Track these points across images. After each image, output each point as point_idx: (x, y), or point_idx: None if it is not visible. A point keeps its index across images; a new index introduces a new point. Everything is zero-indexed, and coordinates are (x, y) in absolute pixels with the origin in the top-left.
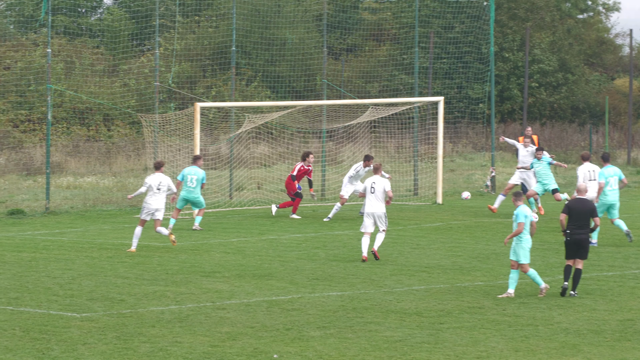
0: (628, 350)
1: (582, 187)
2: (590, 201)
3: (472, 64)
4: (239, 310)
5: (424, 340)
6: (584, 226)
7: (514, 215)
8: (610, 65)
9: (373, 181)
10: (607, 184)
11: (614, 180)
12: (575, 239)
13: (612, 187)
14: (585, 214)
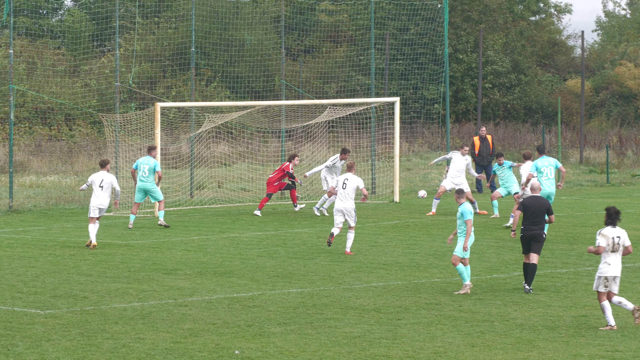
0: (582, 346)
1: (535, 185)
2: (544, 198)
3: (427, 65)
4: (201, 307)
5: (383, 335)
6: (538, 222)
7: (460, 213)
8: (562, 67)
9: (346, 178)
10: (542, 174)
11: (549, 170)
12: (528, 234)
13: (547, 177)
14: (539, 211)
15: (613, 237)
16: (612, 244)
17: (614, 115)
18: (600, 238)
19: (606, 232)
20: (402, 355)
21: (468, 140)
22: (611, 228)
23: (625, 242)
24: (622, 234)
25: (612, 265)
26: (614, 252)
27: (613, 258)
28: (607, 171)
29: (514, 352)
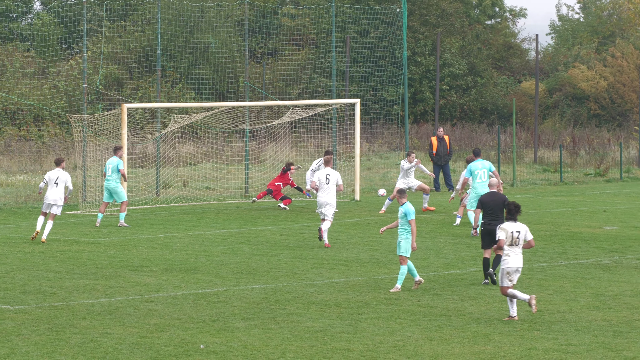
0: (537, 339)
1: (493, 182)
2: (501, 194)
3: (387, 68)
4: (167, 303)
5: (344, 330)
6: (496, 217)
7: (403, 212)
8: (517, 69)
9: (327, 173)
10: (476, 176)
11: (483, 173)
12: (488, 229)
13: (481, 180)
14: (497, 206)
15: (512, 232)
16: (510, 238)
17: (567, 116)
18: (500, 232)
19: (505, 227)
20: (363, 349)
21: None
22: (511, 223)
23: (526, 236)
24: (522, 228)
25: (512, 258)
26: (513, 246)
27: (512, 251)
28: (561, 170)
29: (470, 346)
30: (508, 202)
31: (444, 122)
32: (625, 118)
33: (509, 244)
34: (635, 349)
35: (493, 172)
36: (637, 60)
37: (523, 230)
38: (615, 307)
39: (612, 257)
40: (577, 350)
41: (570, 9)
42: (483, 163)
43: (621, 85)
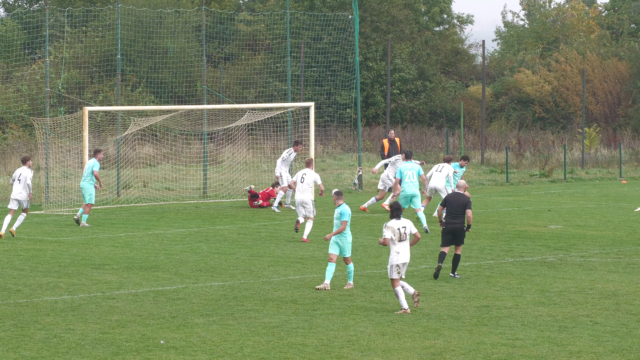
0: (485, 334)
1: (460, 184)
2: (464, 195)
3: (340, 73)
4: (128, 300)
5: (299, 325)
6: (458, 216)
7: (339, 213)
8: (464, 74)
9: (304, 172)
10: (405, 177)
11: (411, 174)
12: (449, 228)
13: (410, 180)
14: (459, 206)
15: (399, 228)
16: (398, 234)
17: (512, 119)
18: (385, 230)
19: (391, 224)
20: (318, 343)
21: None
22: (396, 220)
23: (412, 230)
24: (407, 224)
25: (401, 253)
26: (401, 242)
27: (401, 247)
28: (507, 171)
29: (421, 340)
30: (392, 203)
31: (395, 125)
32: (569, 121)
33: (398, 240)
34: (579, 343)
35: (421, 175)
36: (580, 65)
37: (409, 225)
38: (560, 303)
39: (557, 255)
40: (523, 345)
41: (515, 15)
42: (412, 165)
43: (565, 89)
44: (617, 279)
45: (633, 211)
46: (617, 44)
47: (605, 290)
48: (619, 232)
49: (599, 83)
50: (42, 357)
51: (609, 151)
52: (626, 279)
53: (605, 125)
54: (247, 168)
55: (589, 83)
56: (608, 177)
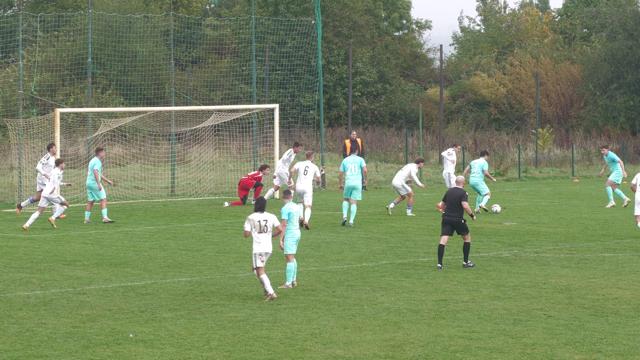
0: (443, 327)
1: (459, 179)
2: (461, 189)
3: (303, 76)
4: (98, 295)
5: (264, 319)
6: (455, 210)
7: (279, 212)
8: (423, 77)
9: (306, 165)
10: (347, 169)
11: (353, 167)
12: (446, 219)
13: (352, 173)
14: (455, 199)
15: (259, 221)
16: (258, 226)
17: (469, 120)
18: (246, 223)
19: (252, 217)
20: (282, 336)
21: (340, 143)
22: (258, 214)
23: (274, 223)
24: (269, 217)
25: (262, 243)
26: (262, 233)
27: (262, 237)
28: (464, 170)
29: (381, 333)
30: (261, 197)
31: (356, 126)
32: (523, 122)
33: (258, 231)
34: (534, 335)
35: (362, 167)
36: (534, 69)
37: (270, 219)
38: (514, 297)
39: (512, 251)
40: (480, 337)
41: (471, 21)
42: (355, 159)
43: (519, 91)
44: (570, 273)
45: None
46: (570, 48)
47: (559, 284)
48: (571, 229)
49: (552, 86)
50: (15, 350)
51: (562, 151)
52: (578, 274)
53: (558, 126)
54: (214, 168)
55: (543, 86)
56: (561, 176)
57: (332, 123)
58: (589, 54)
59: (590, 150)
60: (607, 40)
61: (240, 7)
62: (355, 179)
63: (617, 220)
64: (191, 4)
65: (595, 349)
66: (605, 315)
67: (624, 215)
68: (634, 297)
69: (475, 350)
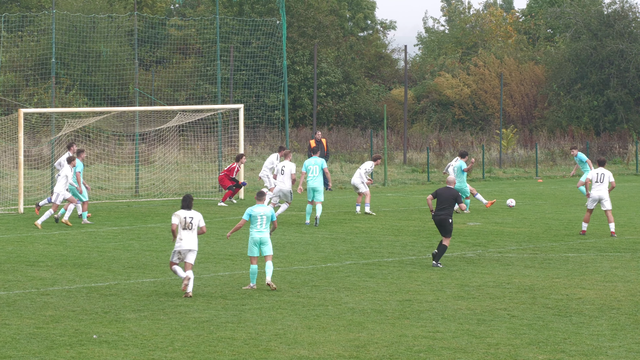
0: (407, 327)
1: (450, 180)
2: (454, 189)
3: (268, 76)
4: (61, 296)
5: (229, 320)
6: (445, 208)
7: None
8: (387, 77)
9: (283, 165)
10: (309, 171)
11: (315, 169)
12: (435, 218)
13: (313, 175)
14: (447, 199)
15: (185, 217)
16: (184, 223)
17: (433, 120)
18: (173, 217)
19: (179, 213)
20: (246, 337)
21: (305, 143)
22: (185, 211)
23: (200, 222)
24: (195, 215)
25: (184, 240)
26: (185, 230)
27: (185, 235)
28: (428, 170)
29: (346, 333)
30: (187, 194)
31: (321, 126)
32: (487, 122)
33: (182, 228)
34: (497, 335)
35: (324, 169)
36: (497, 69)
37: (196, 217)
38: (478, 296)
39: (476, 251)
40: (444, 337)
41: (436, 21)
42: (316, 160)
43: (483, 92)
44: (534, 273)
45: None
46: (534, 49)
47: (522, 284)
48: (534, 229)
49: (516, 86)
50: None
51: (526, 151)
52: (542, 274)
53: (522, 127)
54: (178, 168)
55: (507, 86)
56: (524, 176)
57: (297, 123)
58: (553, 55)
59: (554, 150)
60: (571, 41)
61: (205, 7)
62: (317, 181)
63: (580, 221)
64: (155, 4)
65: (559, 349)
66: (568, 315)
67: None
68: (598, 297)
69: (439, 350)
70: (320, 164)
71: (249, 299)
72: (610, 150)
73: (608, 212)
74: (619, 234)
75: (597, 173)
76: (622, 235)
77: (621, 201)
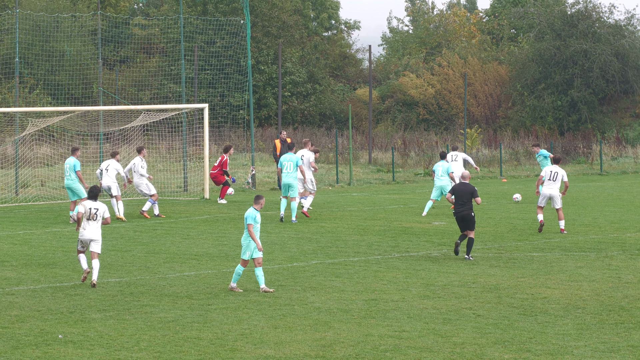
0: (373, 326)
1: (465, 174)
2: (470, 185)
3: (233, 75)
4: (27, 296)
5: (195, 320)
6: (465, 204)
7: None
8: (352, 77)
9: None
10: (284, 167)
11: (289, 165)
12: (458, 215)
13: (287, 171)
14: (466, 194)
15: (90, 208)
16: (88, 213)
17: (398, 120)
18: (80, 207)
19: (85, 204)
20: (212, 337)
21: (270, 142)
22: (92, 202)
23: (104, 214)
24: (100, 206)
25: (87, 230)
26: (90, 220)
27: (88, 225)
28: (393, 170)
29: (312, 333)
30: (95, 186)
31: (286, 126)
32: (452, 122)
33: (87, 218)
34: (463, 335)
35: (299, 165)
36: (462, 69)
37: (102, 208)
38: (444, 296)
39: (441, 250)
40: (409, 336)
41: (400, 21)
42: (291, 156)
43: (447, 92)
44: (499, 273)
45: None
46: (498, 49)
47: (487, 284)
48: (499, 228)
49: (480, 86)
50: None
51: (490, 151)
52: (507, 273)
53: (486, 127)
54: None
55: (471, 86)
56: (489, 176)
57: (262, 123)
58: (516, 55)
59: (518, 150)
60: (534, 41)
61: (169, 6)
62: (291, 177)
63: (545, 220)
64: (119, 4)
65: (525, 348)
66: (534, 314)
67: (552, 214)
68: (563, 297)
69: (405, 350)
70: (295, 160)
71: (215, 299)
72: (574, 150)
73: (559, 210)
74: (583, 233)
75: (550, 171)
76: (586, 235)
77: (585, 201)
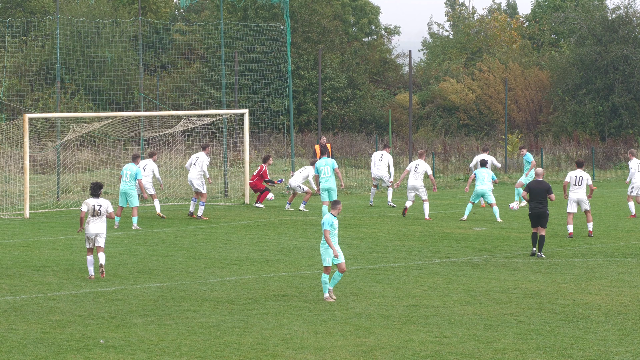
0: (414, 332)
1: (539, 172)
2: (546, 182)
3: (273, 81)
4: (68, 301)
5: (235, 325)
6: (541, 202)
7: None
8: (392, 82)
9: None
10: (321, 172)
11: (326, 169)
12: (534, 212)
13: (325, 175)
14: (541, 192)
15: (93, 205)
16: (92, 210)
17: (438, 125)
18: (83, 205)
19: (88, 201)
20: (253, 342)
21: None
22: (94, 198)
23: (108, 209)
24: (103, 202)
25: (91, 225)
26: (94, 216)
27: (93, 221)
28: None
29: (352, 338)
30: (96, 182)
31: (326, 131)
32: (492, 127)
33: (91, 215)
34: (504, 340)
35: (335, 168)
36: (502, 74)
37: (105, 204)
38: (485, 302)
39: (482, 256)
40: (450, 342)
41: (440, 27)
42: (327, 161)
43: (488, 97)
44: (540, 279)
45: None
46: (538, 54)
47: (529, 289)
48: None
49: (521, 91)
50: None
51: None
52: (548, 279)
53: (527, 132)
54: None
55: (511, 91)
56: None
57: (302, 128)
58: (557, 60)
59: (560, 155)
60: (575, 46)
61: (209, 12)
62: (330, 181)
63: (587, 226)
64: (159, 10)
65: (566, 354)
66: (575, 320)
67: (596, 221)
68: (604, 302)
69: (446, 356)
70: (331, 164)
71: (256, 304)
72: (615, 156)
73: (588, 212)
74: (625, 239)
75: (575, 176)
76: (628, 241)
77: (626, 207)
